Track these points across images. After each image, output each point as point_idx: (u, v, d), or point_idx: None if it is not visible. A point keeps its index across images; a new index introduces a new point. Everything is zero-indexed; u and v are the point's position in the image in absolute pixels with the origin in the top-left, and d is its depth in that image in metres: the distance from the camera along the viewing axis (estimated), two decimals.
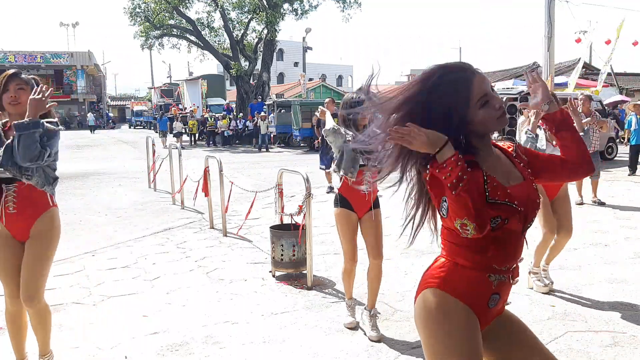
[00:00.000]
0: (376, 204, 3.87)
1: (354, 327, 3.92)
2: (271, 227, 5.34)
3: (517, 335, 1.90)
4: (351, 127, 3.74)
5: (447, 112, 1.71)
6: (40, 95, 2.84)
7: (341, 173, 3.75)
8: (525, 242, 1.86)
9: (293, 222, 5.30)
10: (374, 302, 3.89)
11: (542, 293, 4.55)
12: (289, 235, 5.11)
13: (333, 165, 3.86)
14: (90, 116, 43.36)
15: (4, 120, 3.03)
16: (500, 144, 1.94)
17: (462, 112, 1.72)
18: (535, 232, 3.80)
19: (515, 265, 1.84)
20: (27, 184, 2.97)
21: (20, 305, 3.07)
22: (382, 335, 3.77)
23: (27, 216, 3.01)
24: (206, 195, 7.42)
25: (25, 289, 2.99)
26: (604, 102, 16.46)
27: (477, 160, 1.76)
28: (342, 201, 3.81)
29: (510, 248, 1.79)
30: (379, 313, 4.04)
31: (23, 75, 3.00)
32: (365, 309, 3.92)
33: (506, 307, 1.94)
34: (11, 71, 3.01)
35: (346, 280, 3.99)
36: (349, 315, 4.02)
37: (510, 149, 1.92)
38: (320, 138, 10.98)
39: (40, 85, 2.96)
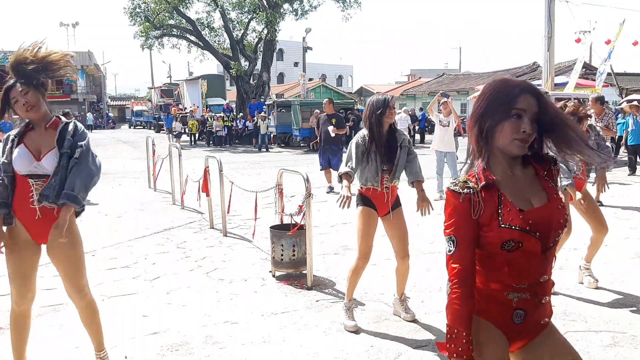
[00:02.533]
0: (397, 204, 3.97)
1: (356, 330, 3.88)
2: (271, 227, 5.34)
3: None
4: (375, 127, 3.81)
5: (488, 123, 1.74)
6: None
7: (368, 185, 3.86)
8: (554, 258, 1.83)
9: (293, 222, 5.30)
10: (402, 290, 4.09)
11: (592, 289, 4.64)
12: (289, 235, 5.11)
13: (357, 181, 3.94)
14: (89, 116, 43.37)
15: (22, 124, 3.00)
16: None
17: (496, 120, 1.73)
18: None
19: (539, 283, 1.80)
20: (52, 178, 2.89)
21: (28, 305, 3.06)
22: (415, 315, 4.05)
23: (52, 213, 2.91)
24: (207, 194, 7.42)
25: (72, 282, 3.00)
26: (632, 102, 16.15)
27: (496, 183, 1.75)
28: (364, 200, 3.90)
29: (527, 267, 1.77)
30: (409, 297, 4.18)
31: (17, 82, 2.89)
32: (394, 296, 4.16)
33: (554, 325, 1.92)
34: (5, 86, 2.89)
35: (353, 279, 3.95)
36: (349, 319, 3.94)
37: (543, 168, 1.84)
38: (318, 138, 10.96)
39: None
